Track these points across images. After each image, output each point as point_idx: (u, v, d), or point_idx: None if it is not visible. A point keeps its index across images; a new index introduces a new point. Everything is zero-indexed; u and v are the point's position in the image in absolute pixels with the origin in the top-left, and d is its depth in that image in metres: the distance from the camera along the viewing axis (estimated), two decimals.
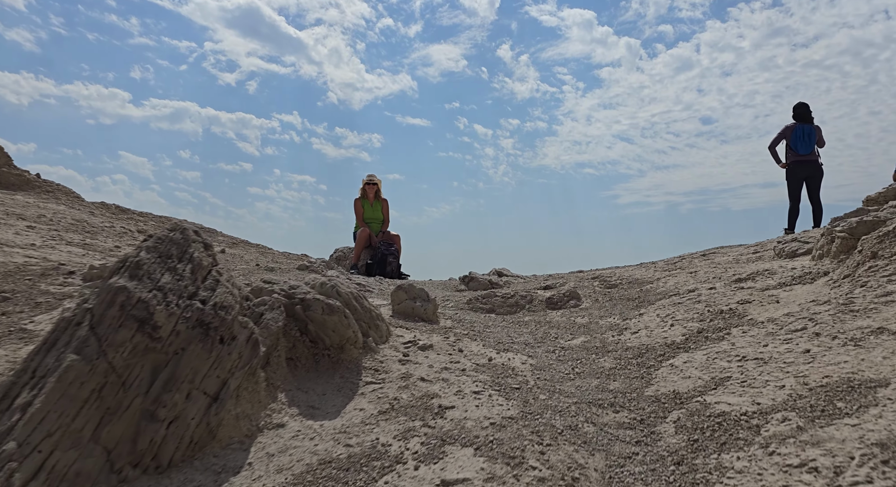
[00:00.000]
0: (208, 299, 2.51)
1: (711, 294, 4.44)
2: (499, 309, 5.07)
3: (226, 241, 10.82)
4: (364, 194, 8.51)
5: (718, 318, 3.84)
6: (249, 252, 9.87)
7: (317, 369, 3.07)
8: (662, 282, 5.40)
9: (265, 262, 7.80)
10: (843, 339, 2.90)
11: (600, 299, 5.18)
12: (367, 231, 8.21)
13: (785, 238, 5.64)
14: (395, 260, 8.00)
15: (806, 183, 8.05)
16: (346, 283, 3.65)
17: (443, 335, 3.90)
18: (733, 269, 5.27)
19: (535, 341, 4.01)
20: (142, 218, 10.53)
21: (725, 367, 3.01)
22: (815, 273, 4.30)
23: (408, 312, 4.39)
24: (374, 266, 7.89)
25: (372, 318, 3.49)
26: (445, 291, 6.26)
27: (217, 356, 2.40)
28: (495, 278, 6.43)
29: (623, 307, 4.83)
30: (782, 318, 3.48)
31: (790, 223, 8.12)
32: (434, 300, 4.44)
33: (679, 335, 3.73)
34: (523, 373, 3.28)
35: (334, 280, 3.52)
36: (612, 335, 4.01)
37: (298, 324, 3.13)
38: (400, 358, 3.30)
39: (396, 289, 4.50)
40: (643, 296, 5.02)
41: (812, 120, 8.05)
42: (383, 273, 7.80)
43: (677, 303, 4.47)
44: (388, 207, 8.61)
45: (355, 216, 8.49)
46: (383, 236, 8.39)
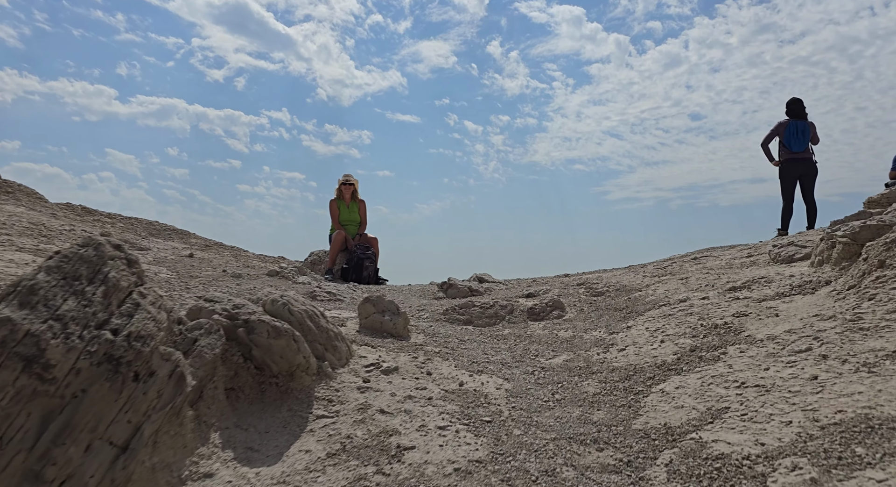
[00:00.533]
0: (122, 327, 2.14)
1: (704, 305, 4.11)
2: (477, 320, 4.73)
3: (198, 243, 10.41)
4: (340, 195, 8.12)
5: (713, 334, 3.51)
6: (222, 255, 9.47)
7: (262, 400, 2.70)
8: (652, 290, 5.07)
9: (235, 267, 7.40)
10: (855, 364, 2.58)
11: (585, 309, 4.84)
12: (343, 234, 7.82)
13: (780, 242, 5.33)
14: (373, 264, 7.62)
15: (800, 182, 7.75)
16: (301, 299, 3.28)
17: (411, 354, 3.54)
18: (727, 275, 4.95)
19: (513, 359, 3.67)
20: (109, 220, 10.08)
21: (723, 395, 2.68)
22: (815, 282, 3.99)
23: (376, 327, 4.03)
24: (350, 271, 7.51)
25: (329, 339, 3.12)
26: (422, 299, 5.91)
27: (129, 397, 2.03)
28: (475, 284, 6.08)
29: (610, 317, 4.50)
30: (784, 335, 3.15)
31: (783, 224, 7.82)
32: (404, 314, 4.08)
33: (670, 353, 3.40)
34: (497, 401, 2.93)
35: (287, 297, 3.16)
36: (597, 353, 3.68)
37: (242, 349, 2.76)
38: (359, 385, 2.94)
39: (364, 302, 4.14)
40: (631, 305, 4.69)
41: (806, 116, 7.75)
42: (359, 279, 7.42)
43: (667, 314, 4.14)
44: (365, 208, 8.23)
45: (331, 218, 8.09)
46: (360, 239, 8.01)
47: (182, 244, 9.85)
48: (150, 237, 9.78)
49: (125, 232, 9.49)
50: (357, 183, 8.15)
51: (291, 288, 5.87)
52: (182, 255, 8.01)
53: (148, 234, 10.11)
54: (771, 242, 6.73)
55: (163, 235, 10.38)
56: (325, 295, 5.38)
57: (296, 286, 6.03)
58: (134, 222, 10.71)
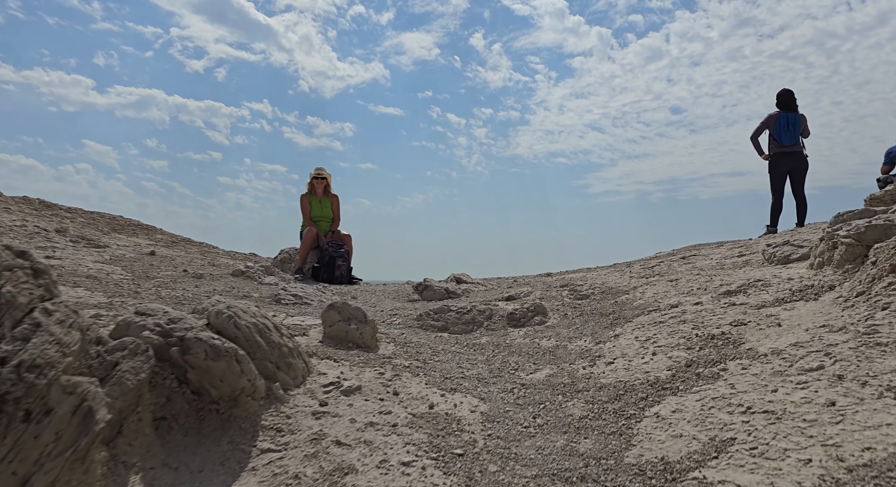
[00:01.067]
0: (11, 355, 1.76)
1: (698, 312, 3.80)
2: (453, 327, 4.38)
3: (164, 240, 9.93)
4: (311, 190, 7.71)
5: (710, 345, 3.19)
6: (189, 253, 9.01)
7: (199, 430, 2.33)
8: (640, 292, 4.76)
9: (199, 266, 6.98)
10: (878, 387, 2.27)
11: (569, 314, 4.52)
12: (315, 231, 7.41)
13: (775, 241, 5.05)
14: (345, 263, 7.23)
15: (790, 176, 7.49)
16: (253, 309, 2.91)
17: (378, 368, 3.19)
18: (719, 277, 4.65)
19: (491, 374, 3.33)
20: (69, 214, 9.55)
21: (726, 422, 2.36)
22: (817, 287, 3.69)
23: (341, 336, 3.67)
24: (322, 270, 7.11)
25: (282, 356, 2.76)
26: (396, 301, 5.54)
27: (14, 443, 1.65)
28: (453, 285, 5.73)
29: (595, 324, 4.17)
30: (790, 349, 2.84)
31: (773, 220, 7.56)
32: (372, 322, 3.72)
33: (664, 367, 3.08)
34: (471, 427, 2.59)
35: (235, 307, 2.78)
36: (582, 366, 3.35)
37: (176, 371, 2.39)
38: (315, 410, 2.58)
39: (328, 309, 3.77)
40: (618, 310, 4.37)
41: (797, 108, 7.48)
42: (331, 279, 7.03)
43: (658, 322, 3.82)
44: (338, 203, 7.82)
45: (302, 214, 7.68)
46: (332, 236, 7.61)
47: (147, 241, 9.36)
48: (113, 233, 9.29)
49: (85, 228, 8.99)
50: (330, 177, 7.75)
51: (256, 290, 5.48)
52: (143, 253, 7.56)
53: (111, 229, 9.61)
54: (762, 240, 6.46)
55: (126, 230, 9.87)
56: (290, 299, 5.00)
57: (261, 288, 5.64)
58: (96, 216, 10.19)
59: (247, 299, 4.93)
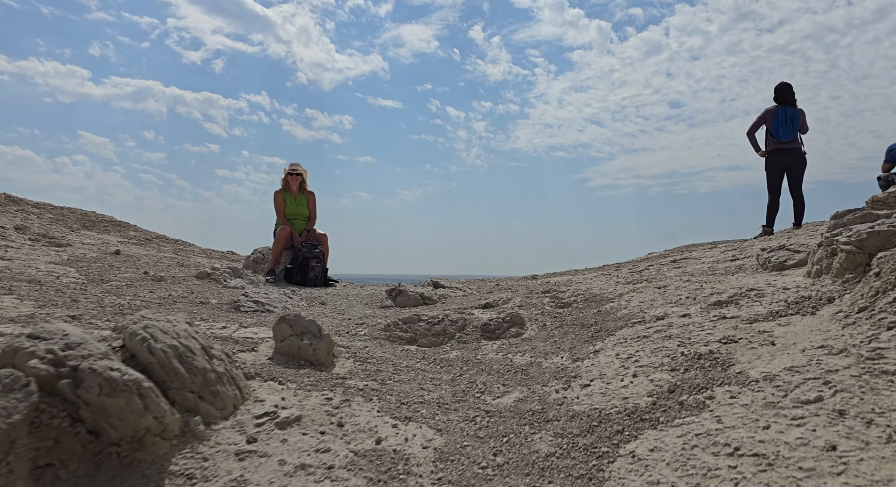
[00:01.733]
0: None
1: (685, 325, 3.47)
2: (422, 339, 4.05)
3: (137, 237, 9.56)
4: (286, 186, 7.35)
5: (696, 367, 2.87)
6: (162, 251, 8.65)
7: (94, 479, 2.00)
8: (625, 300, 4.43)
9: (165, 266, 6.63)
10: (885, 428, 1.95)
11: (549, 325, 4.19)
12: (288, 230, 7.07)
13: (770, 245, 4.73)
14: (320, 264, 6.88)
15: (787, 174, 7.16)
16: (180, 327, 2.57)
17: (327, 392, 2.85)
18: (710, 284, 4.33)
19: (454, 398, 2.99)
20: (37, 210, 9.17)
21: (711, 467, 2.03)
22: (815, 298, 3.37)
23: (293, 352, 3.34)
24: (295, 272, 6.77)
25: (207, 383, 2.42)
26: (367, 308, 5.21)
27: None
28: (429, 291, 5.39)
29: (575, 337, 3.85)
30: (784, 375, 2.52)
31: (769, 220, 7.24)
32: (327, 337, 3.39)
33: (644, 393, 2.75)
34: (420, 469, 2.25)
35: (154, 326, 2.44)
36: (555, 389, 3.02)
37: (69, 407, 2.05)
38: (240, 448, 2.24)
39: (279, 322, 3.43)
40: (601, 321, 4.04)
41: (795, 102, 7.14)
42: (304, 280, 6.69)
43: (642, 336, 3.49)
44: (314, 201, 7.47)
45: (275, 212, 7.32)
46: (307, 235, 7.27)
47: (118, 238, 8.99)
48: (83, 230, 8.92)
49: (53, 224, 8.62)
50: (305, 173, 7.39)
51: (217, 295, 5.13)
52: (108, 252, 7.20)
53: (81, 226, 9.23)
54: (757, 242, 6.14)
55: (98, 227, 9.49)
56: (250, 306, 4.66)
57: (223, 292, 5.29)
58: (66, 212, 9.80)
59: (203, 307, 4.60)
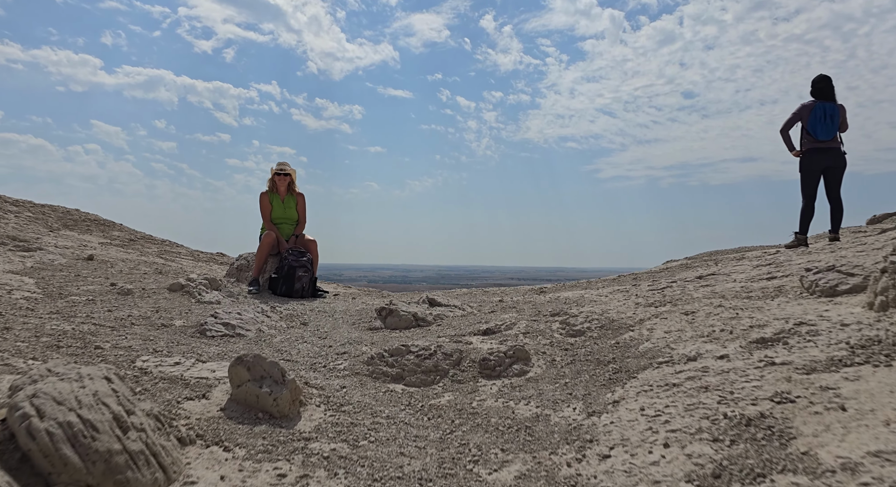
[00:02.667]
0: None
1: (724, 372, 2.87)
2: (410, 376, 3.47)
3: (121, 238, 9.02)
4: (273, 187, 6.77)
5: (745, 438, 2.27)
6: (145, 253, 8.10)
7: None
8: (647, 329, 3.83)
9: (140, 274, 6.08)
10: None
11: (558, 360, 3.59)
12: (273, 235, 6.49)
13: (816, 264, 4.10)
14: (308, 274, 6.29)
15: (825, 176, 6.50)
16: (88, 389, 2.00)
17: (281, 463, 2.28)
18: (747, 312, 3.72)
19: (440, 469, 2.41)
20: (15, 208, 8.65)
21: None
22: (886, 343, 2.76)
23: (250, 401, 2.77)
24: (280, 282, 6.20)
25: (112, 470, 1.85)
26: (353, 330, 4.63)
27: None
28: (423, 309, 4.81)
29: (590, 378, 3.25)
30: (871, 465, 1.92)
31: (802, 227, 6.58)
32: (292, 383, 2.82)
33: (681, 475, 2.16)
34: None
35: (42, 397, 1.87)
36: (567, 461, 2.43)
37: None
38: None
39: (235, 363, 2.87)
40: (620, 357, 3.45)
41: (835, 97, 6.47)
42: (290, 292, 6.12)
43: (672, 384, 2.90)
44: (304, 203, 6.88)
45: (261, 215, 6.75)
46: (295, 241, 6.70)
47: (100, 239, 8.44)
48: (63, 230, 8.39)
49: (31, 223, 8.10)
50: (294, 173, 6.80)
51: (184, 315, 4.57)
52: (81, 257, 6.67)
53: (61, 226, 8.70)
54: (794, 256, 5.50)
55: (79, 227, 8.96)
56: (218, 329, 4.09)
57: (193, 310, 4.73)
58: (47, 210, 9.28)
59: (163, 331, 4.03)
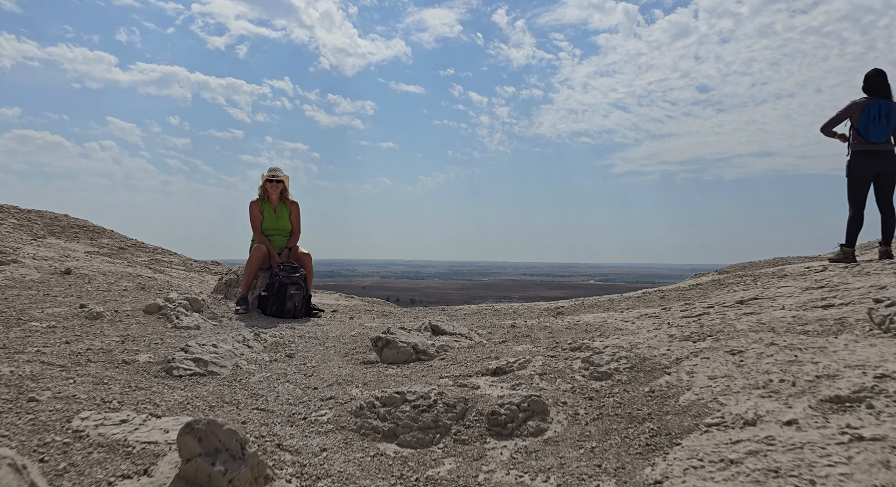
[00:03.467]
0: None
1: (797, 447, 2.27)
2: (404, 433, 2.90)
3: (110, 246, 8.53)
4: (264, 196, 6.22)
5: None
6: (133, 263, 7.59)
7: None
8: (687, 372, 3.23)
9: (117, 293, 5.55)
10: None
11: (582, 414, 3.00)
12: (264, 249, 5.92)
13: (888, 295, 3.48)
14: (301, 292, 5.72)
15: (875, 182, 5.83)
16: None
17: None
18: (809, 353, 3.11)
19: None
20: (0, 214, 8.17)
21: None
22: None
23: (200, 482, 2.22)
24: (270, 301, 5.64)
25: None
26: (345, 364, 4.05)
27: None
28: (424, 339, 4.22)
29: (623, 443, 2.66)
30: None
31: (849, 239, 5.92)
32: (253, 458, 2.26)
33: None
34: None
35: None
36: None
37: None
38: None
39: (184, 431, 2.31)
40: (657, 412, 2.86)
41: (892, 94, 5.80)
42: (281, 311, 5.56)
43: (729, 460, 2.31)
44: (298, 213, 6.30)
45: (251, 226, 6.20)
46: (288, 254, 6.15)
47: (87, 247, 7.94)
48: (48, 238, 7.91)
49: (14, 231, 7.62)
50: (287, 179, 6.24)
51: (153, 347, 4.03)
52: (58, 270, 6.15)
53: (48, 233, 8.23)
54: (847, 274, 4.87)
55: (66, 234, 8.47)
56: (187, 366, 3.54)
57: (165, 339, 4.19)
58: (34, 216, 8.80)
59: (122, 370, 3.50)
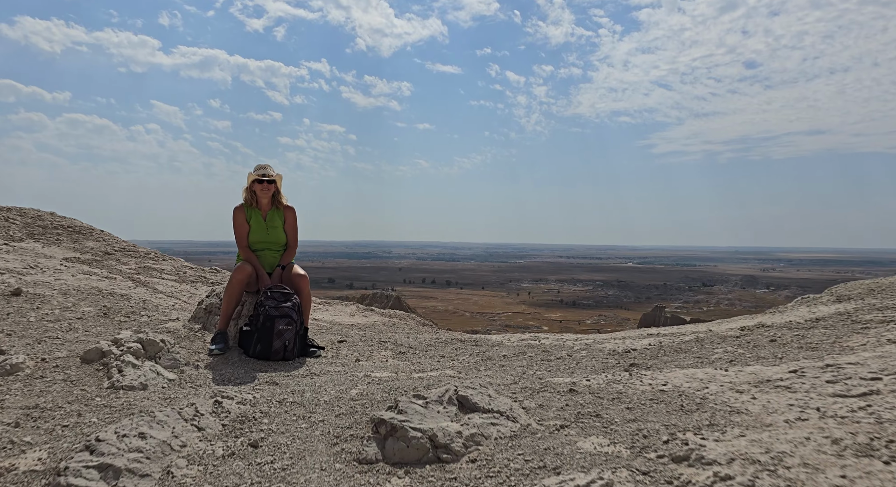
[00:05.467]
0: None
1: None
2: None
3: (95, 250, 7.48)
4: (252, 200, 4.84)
5: None
6: (115, 272, 6.56)
7: None
8: (762, 467, 1.97)
9: (67, 324, 4.50)
10: None
11: None
12: (249, 269, 4.59)
13: None
14: (293, 328, 4.38)
15: None
16: None
17: None
18: None
19: None
20: None
21: None
22: None
23: None
24: (253, 338, 4.41)
25: None
26: (330, 464, 2.84)
27: None
28: (447, 423, 2.98)
29: None
30: None
31: None
32: None
33: None
34: None
35: None
36: None
37: None
38: None
39: None
40: None
41: None
42: (268, 353, 4.31)
43: None
44: (295, 220, 4.95)
45: (235, 239, 4.85)
46: (280, 275, 4.78)
47: (67, 252, 6.91)
48: (25, 241, 6.93)
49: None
50: (280, 179, 4.98)
51: (71, 428, 2.92)
52: (3, 293, 5.12)
53: (26, 234, 7.24)
54: None
55: (47, 236, 7.45)
56: (88, 478, 2.42)
57: (99, 404, 3.08)
58: (14, 215, 7.81)
59: None
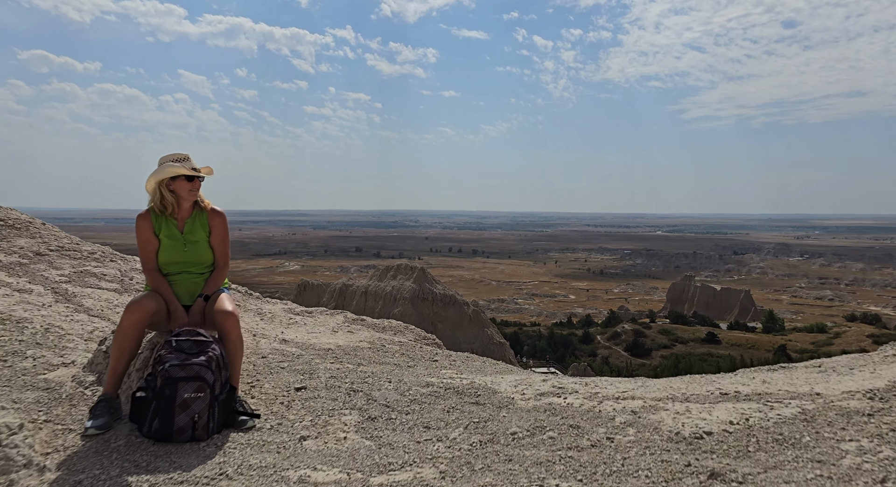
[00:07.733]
0: None
1: None
2: None
3: (26, 249, 6.04)
4: (163, 204, 3.32)
5: None
6: (37, 280, 5.17)
7: None
8: None
9: None
10: None
11: None
12: (151, 307, 3.07)
13: None
14: (206, 395, 2.86)
15: None
16: None
17: None
18: None
19: None
20: None
21: None
22: None
23: None
24: (148, 409, 2.83)
25: None
26: None
27: None
28: None
29: None
30: None
31: None
32: None
33: None
34: None
35: None
36: None
37: None
38: None
39: None
40: None
41: None
42: (169, 432, 2.76)
43: None
44: (225, 230, 3.46)
45: (140, 258, 3.34)
46: (201, 309, 3.26)
47: None
48: None
49: None
50: (210, 172, 3.45)
51: None
52: None
53: None
54: None
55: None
56: None
57: None
58: None
59: None
